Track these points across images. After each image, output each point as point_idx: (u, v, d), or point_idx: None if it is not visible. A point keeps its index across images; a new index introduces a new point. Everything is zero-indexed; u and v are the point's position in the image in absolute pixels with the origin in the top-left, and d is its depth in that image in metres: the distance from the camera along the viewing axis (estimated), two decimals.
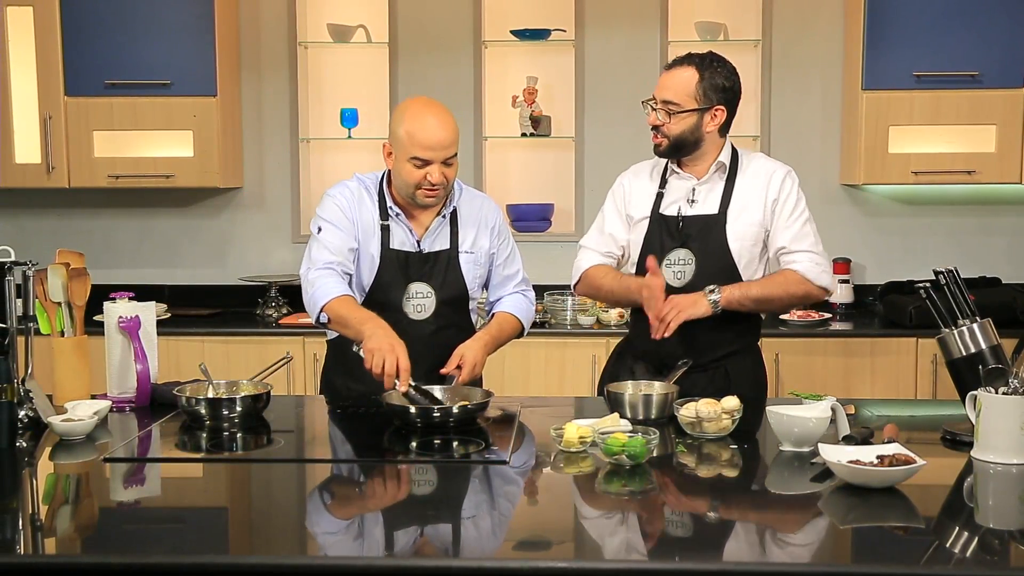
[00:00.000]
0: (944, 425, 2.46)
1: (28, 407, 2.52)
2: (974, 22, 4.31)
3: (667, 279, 2.86)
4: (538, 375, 4.28)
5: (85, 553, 1.80)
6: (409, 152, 2.70)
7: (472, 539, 1.88)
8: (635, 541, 1.85)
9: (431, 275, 2.82)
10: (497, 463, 2.24)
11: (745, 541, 1.83)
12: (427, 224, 2.84)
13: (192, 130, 4.47)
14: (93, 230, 4.87)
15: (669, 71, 2.87)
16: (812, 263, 2.87)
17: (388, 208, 2.83)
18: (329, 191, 2.88)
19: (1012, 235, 4.75)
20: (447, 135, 2.72)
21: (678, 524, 1.94)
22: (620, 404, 2.59)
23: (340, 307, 2.69)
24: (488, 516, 2.00)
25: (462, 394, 2.63)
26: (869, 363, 4.21)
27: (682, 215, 2.90)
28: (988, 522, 1.95)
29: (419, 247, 2.83)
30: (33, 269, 2.65)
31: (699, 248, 2.87)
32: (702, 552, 1.79)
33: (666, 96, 2.83)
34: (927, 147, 4.42)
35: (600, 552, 1.82)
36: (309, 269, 2.78)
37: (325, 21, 4.72)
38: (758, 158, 2.99)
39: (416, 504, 2.08)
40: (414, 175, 2.72)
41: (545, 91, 4.73)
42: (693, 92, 2.81)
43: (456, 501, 2.07)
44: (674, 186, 2.94)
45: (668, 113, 2.83)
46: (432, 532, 1.88)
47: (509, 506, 2.07)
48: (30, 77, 4.45)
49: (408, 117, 2.73)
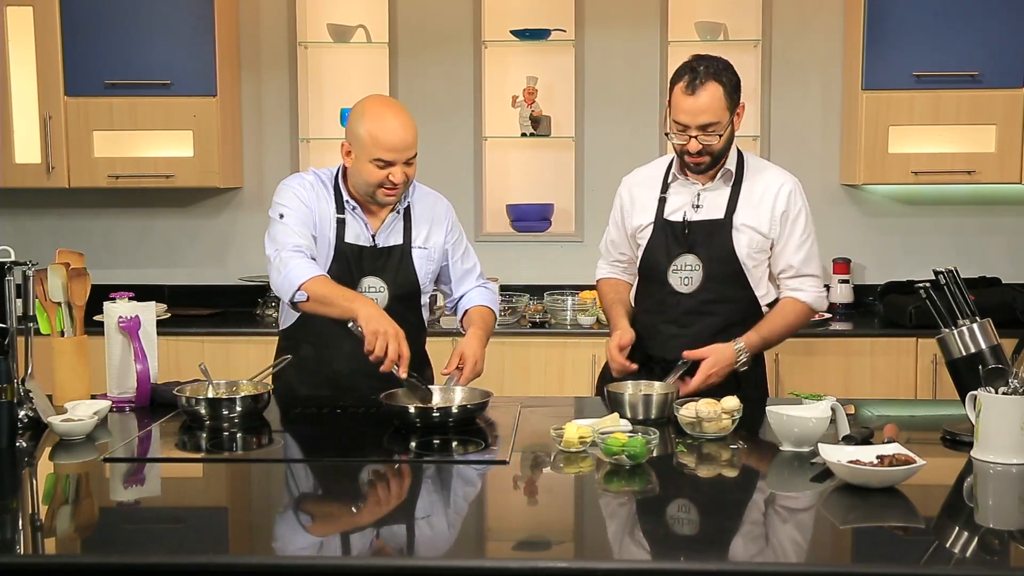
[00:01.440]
0: (944, 425, 2.45)
1: (28, 407, 2.52)
2: (974, 22, 4.31)
3: (674, 285, 2.88)
4: (538, 375, 4.28)
5: (85, 553, 1.80)
6: (372, 154, 2.71)
7: (472, 539, 1.88)
8: (635, 541, 1.85)
9: (384, 269, 2.84)
10: (497, 463, 2.24)
11: (745, 541, 1.83)
12: (382, 219, 2.86)
13: (192, 130, 4.47)
14: (93, 230, 4.88)
15: (695, 95, 2.74)
16: (817, 292, 2.93)
17: (344, 202, 2.84)
18: (286, 181, 2.90)
19: (1012, 235, 4.75)
20: (409, 136, 2.73)
21: (678, 524, 1.94)
22: (620, 404, 2.58)
23: (321, 285, 2.68)
24: (488, 516, 2.00)
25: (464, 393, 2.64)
26: (869, 363, 4.21)
27: (688, 220, 2.88)
28: (988, 522, 1.95)
29: (373, 241, 2.84)
30: (33, 269, 2.65)
31: (706, 254, 2.86)
32: (702, 552, 1.79)
33: (703, 120, 2.75)
34: (927, 147, 4.42)
35: (600, 552, 1.82)
36: (278, 252, 2.76)
37: (325, 21, 4.73)
38: (765, 165, 2.97)
39: (415, 504, 2.08)
40: (376, 175, 2.73)
41: (545, 91, 4.73)
42: (725, 104, 2.77)
43: (456, 501, 2.07)
44: (678, 191, 2.93)
45: (712, 135, 2.77)
46: (432, 532, 1.88)
47: (509, 506, 2.07)
48: (30, 77, 4.45)
49: (369, 118, 2.73)
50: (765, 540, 1.83)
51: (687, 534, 1.90)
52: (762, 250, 2.88)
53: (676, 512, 2.01)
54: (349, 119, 2.80)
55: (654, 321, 2.94)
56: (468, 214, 4.77)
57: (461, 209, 4.72)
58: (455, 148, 4.77)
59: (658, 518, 1.96)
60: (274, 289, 2.80)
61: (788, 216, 2.87)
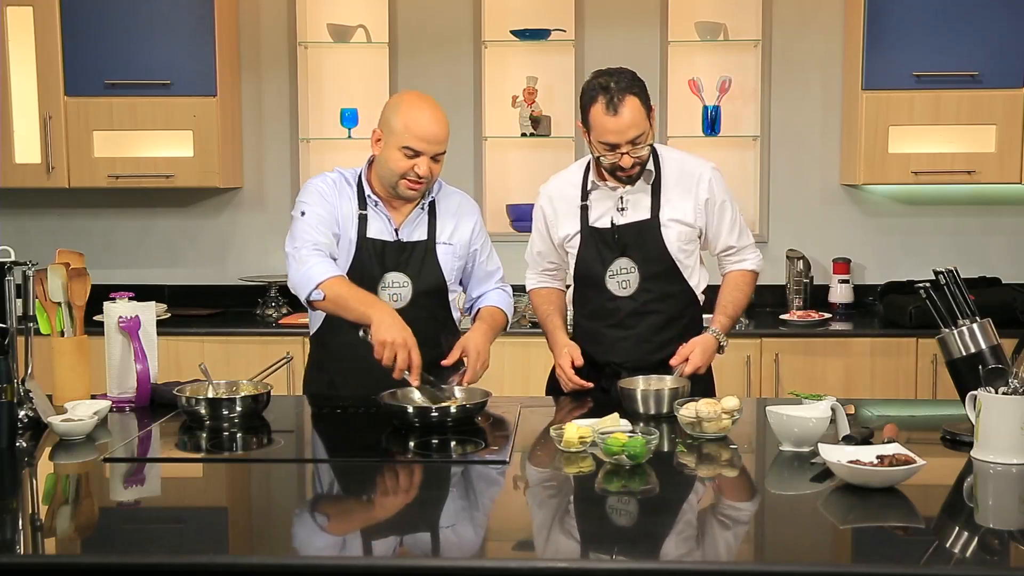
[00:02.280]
0: (944, 425, 2.46)
1: (28, 407, 2.52)
2: (974, 22, 4.31)
3: (613, 290, 2.92)
4: (538, 375, 4.26)
5: (85, 553, 1.80)
6: (402, 141, 2.72)
7: (472, 539, 1.88)
8: (635, 541, 1.85)
9: (407, 264, 2.83)
10: (496, 463, 2.24)
11: (745, 541, 1.83)
12: (406, 214, 2.86)
13: (192, 130, 4.47)
14: (93, 230, 4.87)
15: (618, 115, 2.77)
16: (757, 257, 3.05)
17: (367, 197, 2.84)
18: (310, 180, 2.90)
19: (1012, 235, 4.75)
20: (442, 130, 2.76)
21: (678, 524, 1.94)
22: (632, 400, 2.59)
23: (338, 286, 2.68)
24: (488, 516, 2.00)
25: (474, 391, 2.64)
26: (869, 363, 4.21)
27: (616, 224, 2.91)
28: (988, 522, 1.95)
29: (397, 236, 2.84)
30: (33, 269, 2.65)
31: (639, 255, 2.90)
32: (702, 552, 1.79)
33: (632, 134, 2.79)
34: (927, 147, 4.42)
35: (600, 552, 1.82)
36: (297, 248, 2.75)
37: (325, 21, 4.72)
38: (678, 155, 3.01)
39: (415, 504, 2.08)
40: (402, 164, 2.74)
41: (545, 91, 4.73)
42: (644, 113, 2.82)
43: (455, 501, 2.07)
44: (600, 197, 2.94)
45: (640, 146, 2.82)
46: (431, 532, 1.88)
47: (509, 506, 2.07)
48: (30, 77, 4.45)
49: (405, 108, 2.76)
50: (765, 540, 1.83)
51: (687, 534, 1.89)
52: (691, 240, 2.94)
53: (676, 512, 2.01)
54: (385, 108, 2.82)
55: (597, 326, 2.97)
56: None
57: None
58: (455, 148, 4.70)
59: (658, 518, 1.96)
60: (291, 286, 2.77)
61: (713, 203, 2.93)
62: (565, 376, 2.90)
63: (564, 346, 2.96)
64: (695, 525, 1.94)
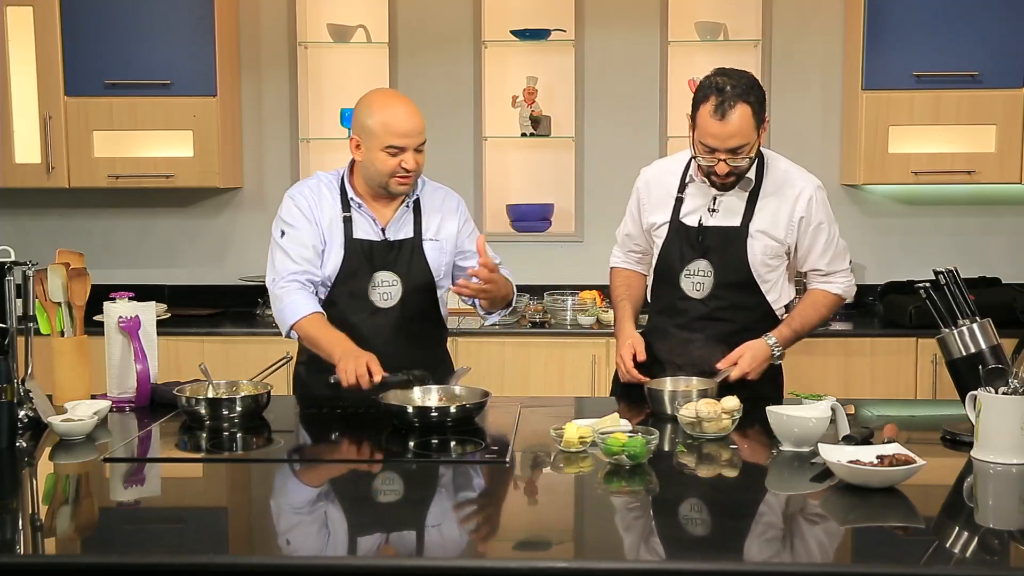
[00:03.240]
0: (944, 425, 2.46)
1: (28, 407, 2.52)
2: (974, 22, 4.31)
3: (686, 290, 2.87)
4: (538, 375, 4.28)
5: (85, 553, 1.80)
6: (384, 141, 2.75)
7: (472, 539, 1.88)
8: (635, 541, 1.85)
9: (396, 263, 2.86)
10: (496, 463, 2.24)
11: (745, 541, 1.83)
12: (391, 214, 2.88)
13: (192, 130, 4.47)
14: (93, 230, 4.87)
15: (724, 120, 2.67)
16: (847, 283, 2.95)
17: (350, 200, 2.87)
18: (289, 191, 2.93)
19: (1012, 235, 4.75)
20: (419, 122, 2.79)
21: (678, 524, 1.94)
22: (659, 401, 2.60)
23: (310, 327, 2.76)
24: (487, 516, 2.00)
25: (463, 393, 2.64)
26: (869, 363, 4.21)
27: (703, 225, 2.85)
28: (988, 522, 1.95)
29: (384, 235, 2.86)
30: (33, 269, 2.66)
31: (718, 261, 2.84)
32: (702, 552, 1.79)
33: (735, 143, 2.69)
34: (927, 147, 4.42)
35: (600, 552, 1.82)
36: (275, 281, 2.84)
37: (325, 21, 4.72)
38: (784, 167, 2.90)
39: (414, 504, 2.07)
40: (389, 163, 2.77)
41: (545, 91, 4.73)
42: (754, 124, 2.71)
43: (455, 501, 2.07)
44: (695, 193, 2.89)
45: (741, 156, 2.72)
46: (431, 532, 1.88)
47: (509, 506, 2.07)
48: (30, 77, 4.45)
49: (378, 108, 2.78)
50: (765, 540, 1.83)
51: (687, 534, 1.90)
52: (777, 256, 2.85)
53: (676, 512, 2.01)
54: (356, 113, 2.83)
55: (665, 324, 2.93)
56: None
57: None
58: (455, 148, 4.77)
59: (658, 518, 1.96)
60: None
61: (808, 223, 2.84)
62: (624, 367, 2.85)
63: (629, 337, 2.92)
64: (695, 525, 1.94)
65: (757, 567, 1.71)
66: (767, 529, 1.89)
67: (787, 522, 1.94)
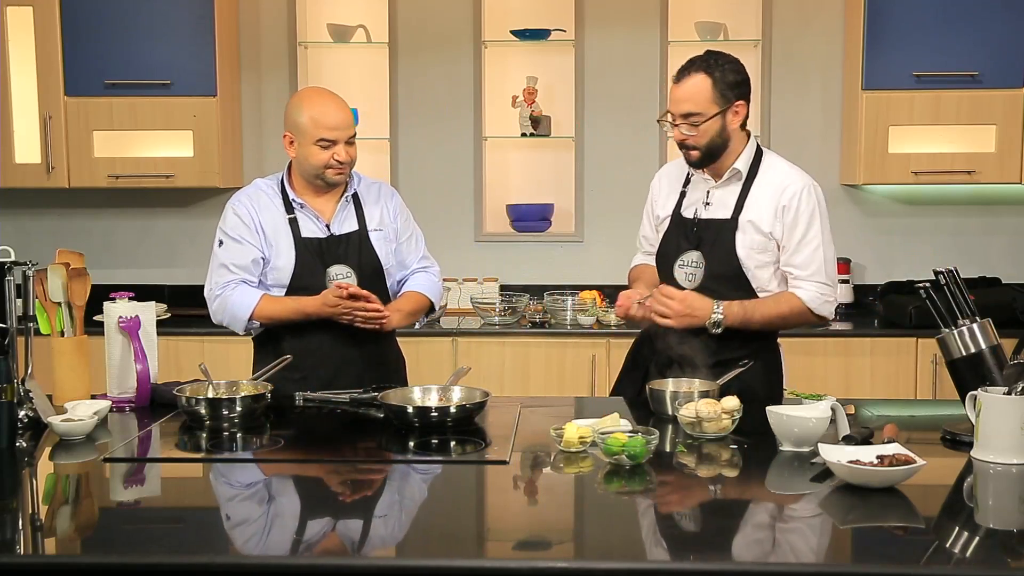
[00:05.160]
0: (944, 425, 2.45)
1: (28, 407, 2.52)
2: (974, 22, 4.31)
3: (679, 280, 2.88)
4: (538, 375, 4.28)
5: (85, 553, 1.80)
6: (315, 135, 2.85)
7: (472, 539, 1.88)
8: (635, 541, 1.85)
9: (347, 256, 2.94)
10: (496, 463, 2.24)
11: (745, 541, 1.83)
12: (332, 210, 2.96)
13: (192, 130, 4.47)
14: (93, 230, 4.88)
15: (679, 83, 2.79)
16: (817, 293, 2.82)
17: (292, 201, 2.94)
18: (230, 201, 3.01)
19: (1012, 235, 4.75)
20: (347, 115, 2.89)
21: (678, 524, 1.94)
22: (661, 402, 2.60)
23: (267, 307, 2.88)
24: (487, 516, 2.00)
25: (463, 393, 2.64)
26: (869, 363, 4.21)
27: (697, 218, 2.89)
28: (988, 522, 1.95)
29: (329, 231, 2.94)
30: (33, 269, 2.65)
31: (709, 252, 2.86)
32: (702, 552, 1.79)
33: (685, 109, 2.77)
34: (927, 147, 4.42)
35: (600, 552, 1.82)
36: (211, 291, 2.93)
37: (325, 21, 4.73)
38: (778, 164, 2.90)
39: (414, 504, 2.08)
40: (321, 157, 2.87)
41: (545, 91, 4.73)
42: (711, 96, 2.75)
43: (455, 501, 2.07)
44: (694, 187, 2.94)
45: (693, 125, 2.77)
46: (431, 532, 1.88)
47: (509, 506, 2.07)
48: (30, 77, 4.45)
49: (307, 105, 2.89)
50: (765, 540, 1.83)
51: (687, 534, 1.90)
52: (765, 250, 2.83)
53: (676, 512, 2.01)
54: (288, 112, 2.94)
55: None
56: (468, 214, 4.77)
57: (461, 209, 4.76)
58: (455, 148, 4.77)
59: (658, 518, 1.96)
60: (219, 323, 2.97)
61: (789, 212, 2.80)
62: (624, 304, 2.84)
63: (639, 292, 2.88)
64: (695, 526, 1.94)
65: (757, 567, 1.71)
66: (767, 529, 1.89)
67: (787, 522, 1.94)
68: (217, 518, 2.01)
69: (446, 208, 4.76)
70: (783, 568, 1.70)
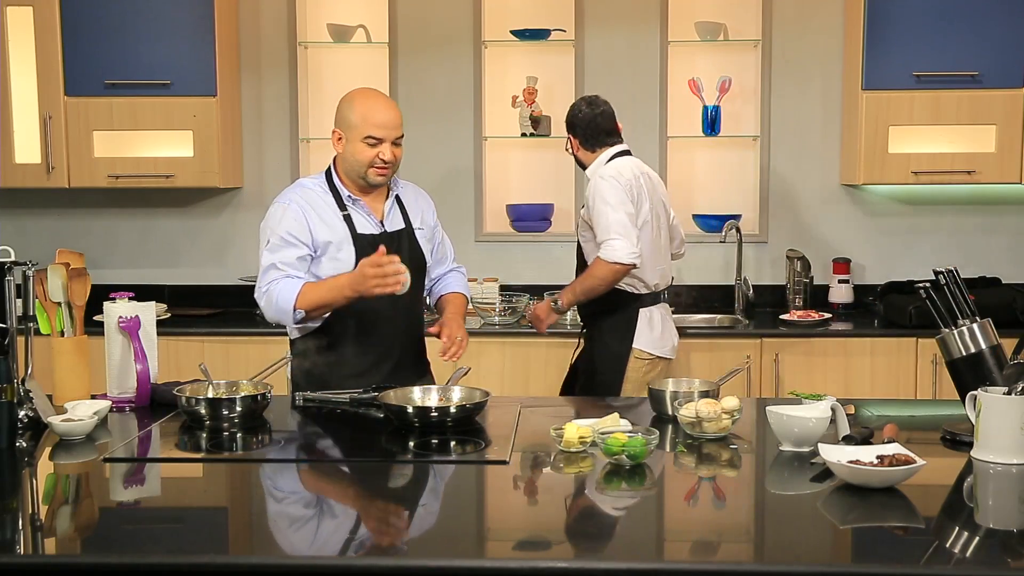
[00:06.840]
0: (944, 425, 2.46)
1: (28, 407, 2.52)
2: (974, 22, 4.31)
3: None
4: (538, 375, 4.28)
5: (85, 553, 1.80)
6: (363, 132, 2.86)
7: (472, 539, 1.88)
8: (635, 541, 1.85)
9: (399, 251, 2.92)
10: (496, 463, 2.24)
11: (745, 541, 1.83)
12: (381, 208, 2.99)
13: (192, 130, 4.47)
14: (93, 230, 4.87)
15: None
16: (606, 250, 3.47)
17: (345, 198, 2.94)
18: (279, 199, 2.97)
19: (1012, 235, 4.75)
20: (397, 116, 2.92)
21: (678, 524, 1.94)
22: (661, 402, 2.61)
23: (309, 294, 2.81)
24: (487, 516, 2.01)
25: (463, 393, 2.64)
26: (869, 363, 4.21)
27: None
28: (988, 522, 1.96)
29: (383, 228, 2.96)
30: (33, 269, 2.66)
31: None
32: (702, 552, 1.79)
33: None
34: (927, 147, 4.42)
35: (600, 552, 1.82)
36: (259, 287, 2.88)
37: (325, 21, 4.72)
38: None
39: (414, 504, 2.08)
40: (367, 154, 2.87)
41: (545, 91, 4.73)
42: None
43: (455, 501, 2.07)
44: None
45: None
46: (432, 532, 1.88)
47: (509, 506, 2.07)
48: (30, 77, 4.45)
49: (359, 102, 2.92)
50: (765, 540, 1.83)
51: (687, 534, 1.90)
52: (588, 228, 3.58)
53: (676, 512, 2.01)
54: (339, 109, 2.94)
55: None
56: (468, 214, 4.77)
57: (461, 209, 4.76)
58: (455, 148, 4.77)
59: (658, 518, 1.97)
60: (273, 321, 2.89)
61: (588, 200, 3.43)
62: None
63: None
64: (695, 525, 1.94)
65: (757, 567, 1.71)
66: (767, 529, 1.89)
67: (787, 522, 1.94)
68: (217, 518, 2.01)
69: (446, 208, 4.72)
70: (784, 568, 1.70)
